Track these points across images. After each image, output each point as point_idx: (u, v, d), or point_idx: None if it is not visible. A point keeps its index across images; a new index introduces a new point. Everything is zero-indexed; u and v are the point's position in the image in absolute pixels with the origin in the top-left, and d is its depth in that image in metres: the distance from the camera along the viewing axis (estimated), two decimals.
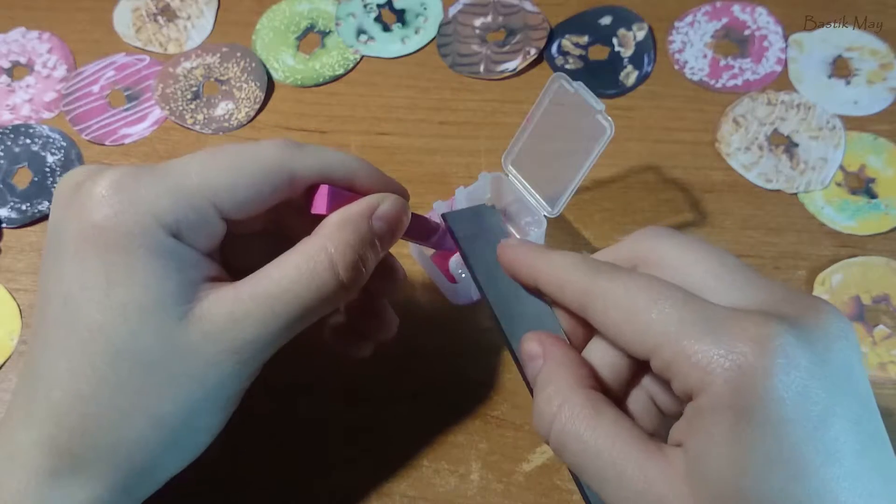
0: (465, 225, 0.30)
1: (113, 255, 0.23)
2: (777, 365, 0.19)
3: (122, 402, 0.24)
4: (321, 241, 0.26)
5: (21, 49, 0.49)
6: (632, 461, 0.21)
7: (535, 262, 0.26)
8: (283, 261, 0.25)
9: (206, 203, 0.25)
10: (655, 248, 0.24)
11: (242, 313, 0.24)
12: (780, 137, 0.42)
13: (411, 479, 0.33)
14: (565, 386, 0.23)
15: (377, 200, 0.28)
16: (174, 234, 0.24)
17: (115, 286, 0.23)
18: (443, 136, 0.44)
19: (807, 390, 0.19)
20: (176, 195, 0.24)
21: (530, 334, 0.25)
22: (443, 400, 0.35)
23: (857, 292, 0.37)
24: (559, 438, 0.22)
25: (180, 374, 0.24)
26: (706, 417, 0.20)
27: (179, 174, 0.25)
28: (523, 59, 0.46)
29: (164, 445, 0.25)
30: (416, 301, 0.38)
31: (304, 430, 0.35)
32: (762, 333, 0.19)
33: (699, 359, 0.20)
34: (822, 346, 0.20)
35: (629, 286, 0.22)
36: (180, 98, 0.46)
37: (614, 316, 0.22)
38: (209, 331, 0.24)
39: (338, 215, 0.27)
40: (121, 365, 0.23)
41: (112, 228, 0.23)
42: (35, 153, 0.44)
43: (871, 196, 0.40)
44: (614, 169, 0.42)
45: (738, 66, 0.45)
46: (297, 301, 0.25)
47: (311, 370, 0.36)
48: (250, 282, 0.25)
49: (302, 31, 0.48)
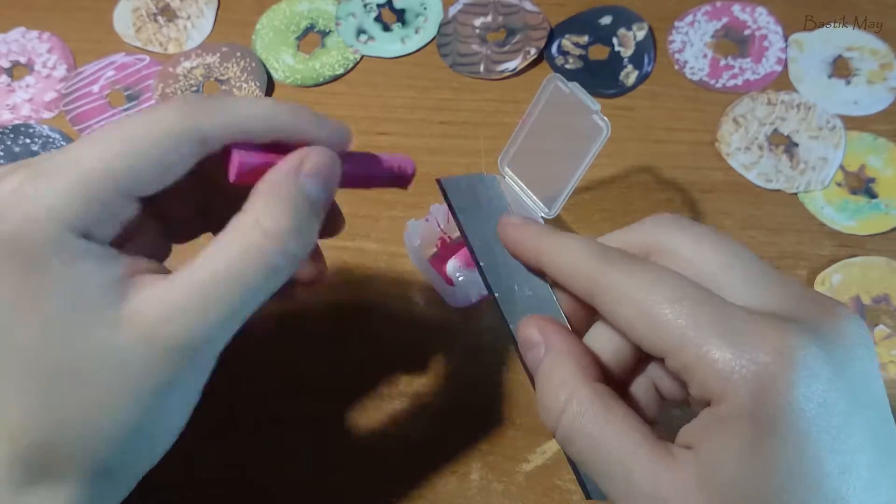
0: (462, 193, 0.29)
1: (26, 270, 0.22)
2: (800, 377, 0.19)
3: (70, 416, 0.22)
4: (251, 216, 0.24)
5: (21, 49, 0.49)
6: (640, 461, 0.20)
7: (541, 245, 0.25)
8: (215, 244, 0.24)
9: (108, 192, 0.23)
10: (669, 238, 0.23)
11: (177, 307, 0.23)
12: (780, 137, 0.42)
13: (411, 479, 0.33)
14: (572, 379, 0.22)
15: (300, 156, 0.25)
16: (84, 235, 0.23)
17: (36, 302, 0.22)
18: (443, 136, 0.44)
19: (827, 402, 0.19)
20: (75, 192, 0.22)
21: (529, 320, 0.24)
22: (443, 400, 0.35)
23: (856, 292, 0.37)
24: (567, 433, 0.22)
25: (120, 381, 0.22)
26: (725, 425, 0.19)
27: (74, 166, 0.23)
28: (523, 58, 0.46)
29: (125, 451, 0.23)
30: (415, 302, 0.38)
31: (303, 430, 0.35)
32: (784, 342, 0.19)
33: (721, 367, 0.19)
34: (842, 355, 0.20)
35: (644, 280, 0.21)
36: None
37: (627, 310, 0.21)
38: (145, 331, 0.22)
39: (263, 182, 0.24)
40: (60, 380, 0.22)
41: (17, 244, 0.22)
42: (35, 153, 0.44)
43: (871, 196, 0.40)
44: (614, 169, 0.42)
45: (738, 65, 0.45)
46: (236, 284, 0.23)
47: (310, 370, 0.36)
48: (184, 272, 0.23)
49: (302, 31, 0.48)
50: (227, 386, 0.27)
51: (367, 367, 0.36)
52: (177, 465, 0.26)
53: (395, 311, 0.37)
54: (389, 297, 0.38)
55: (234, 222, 0.24)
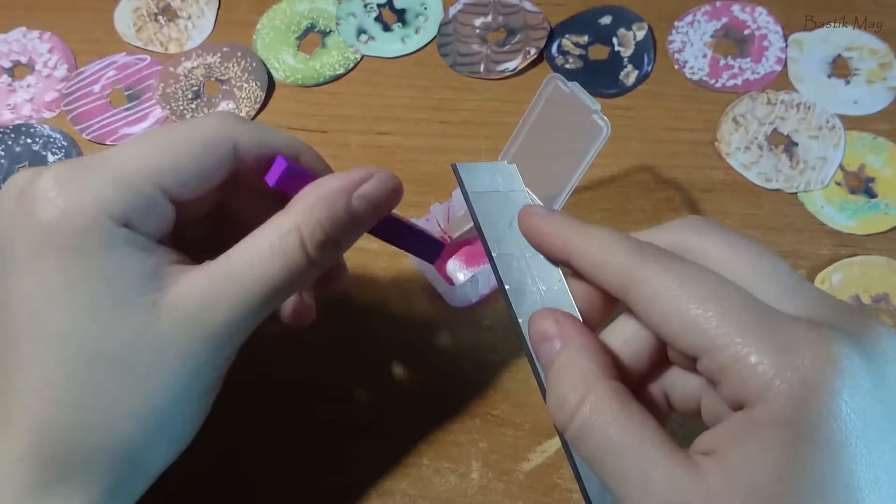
0: (477, 179, 0.28)
1: (68, 256, 0.23)
2: (844, 386, 0.18)
3: (102, 404, 0.23)
4: (294, 219, 0.25)
5: (22, 49, 0.49)
6: (660, 467, 0.19)
7: (570, 236, 0.24)
8: (255, 239, 0.24)
9: (151, 187, 0.24)
10: (700, 240, 0.23)
11: (216, 296, 0.24)
12: (779, 137, 0.42)
13: (412, 478, 0.33)
14: (590, 375, 0.21)
15: (362, 176, 0.26)
16: (125, 224, 0.24)
17: (77, 287, 0.23)
18: (443, 136, 0.44)
19: (866, 413, 0.19)
20: (120, 183, 0.24)
21: (545, 311, 0.23)
22: (443, 400, 0.35)
23: (856, 291, 0.37)
24: (580, 431, 0.21)
25: (157, 366, 0.23)
26: (760, 430, 0.19)
27: (120, 161, 0.24)
28: (523, 58, 0.46)
29: (150, 441, 0.24)
30: (415, 302, 0.38)
31: (303, 430, 0.35)
32: (829, 350, 0.19)
33: (762, 369, 0.19)
34: (881, 368, 0.19)
35: (682, 276, 0.21)
36: (181, 98, 0.46)
37: (663, 307, 0.21)
38: (181, 318, 0.23)
39: (315, 189, 0.25)
40: (96, 366, 0.23)
41: (62, 229, 0.23)
42: (36, 153, 0.44)
43: (870, 195, 0.40)
44: (614, 168, 0.42)
45: (738, 65, 0.45)
46: (270, 280, 0.24)
47: (309, 370, 0.36)
48: (223, 263, 0.24)
49: (302, 31, 0.48)
50: (226, 385, 0.27)
51: (367, 367, 0.36)
52: (176, 465, 0.26)
53: (395, 311, 0.37)
54: (389, 297, 0.38)
55: (275, 222, 0.25)
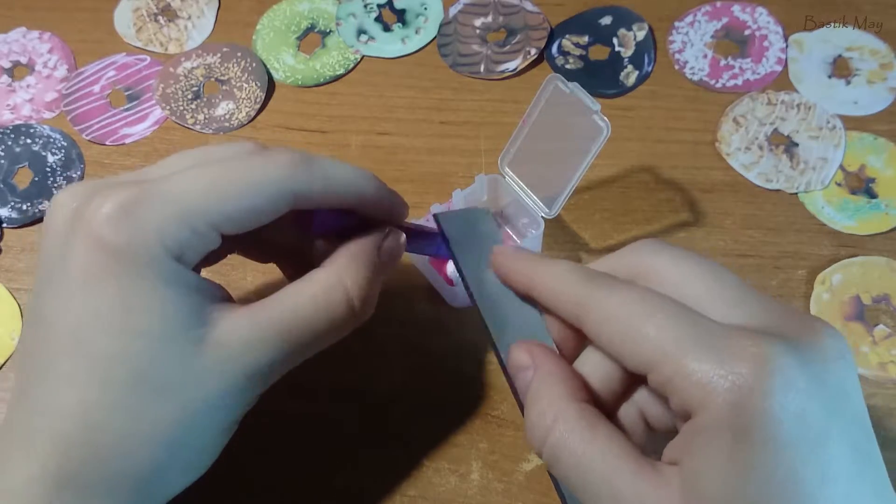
0: (457, 227, 0.30)
1: (127, 281, 0.23)
2: (775, 386, 0.19)
3: (137, 430, 0.24)
4: (337, 275, 0.27)
5: (22, 49, 0.49)
6: (626, 478, 0.21)
7: (530, 271, 0.26)
8: (298, 289, 0.27)
9: (208, 227, 0.25)
10: (652, 262, 0.24)
11: (258, 339, 0.25)
12: (780, 137, 0.42)
13: (411, 479, 0.33)
14: (559, 399, 0.23)
15: (383, 234, 0.29)
16: (177, 258, 0.24)
17: (134, 314, 0.23)
18: (443, 136, 0.44)
19: (804, 412, 0.19)
20: (182, 221, 0.24)
21: (519, 344, 0.25)
22: (443, 400, 0.35)
23: (857, 292, 0.37)
24: (553, 452, 0.22)
25: (195, 399, 0.24)
26: (705, 437, 0.20)
27: (183, 197, 0.25)
28: (523, 59, 0.46)
29: (175, 469, 0.25)
30: (415, 302, 0.38)
31: (303, 430, 0.35)
32: (761, 353, 0.19)
33: (699, 378, 0.20)
34: (820, 367, 0.20)
35: (625, 298, 0.22)
36: (181, 98, 0.46)
37: (610, 328, 0.22)
38: (224, 355, 0.25)
39: (351, 248, 0.28)
40: (140, 392, 0.24)
41: (126, 257, 0.23)
42: (36, 153, 0.44)
43: (871, 196, 0.40)
44: (614, 169, 0.42)
45: (738, 65, 0.45)
46: (311, 329, 0.26)
47: (309, 371, 0.36)
48: (266, 307, 0.26)
49: (302, 31, 0.48)
50: None
51: (367, 367, 0.36)
52: None
53: (395, 311, 0.37)
54: (389, 297, 0.38)
55: (318, 275, 0.27)
